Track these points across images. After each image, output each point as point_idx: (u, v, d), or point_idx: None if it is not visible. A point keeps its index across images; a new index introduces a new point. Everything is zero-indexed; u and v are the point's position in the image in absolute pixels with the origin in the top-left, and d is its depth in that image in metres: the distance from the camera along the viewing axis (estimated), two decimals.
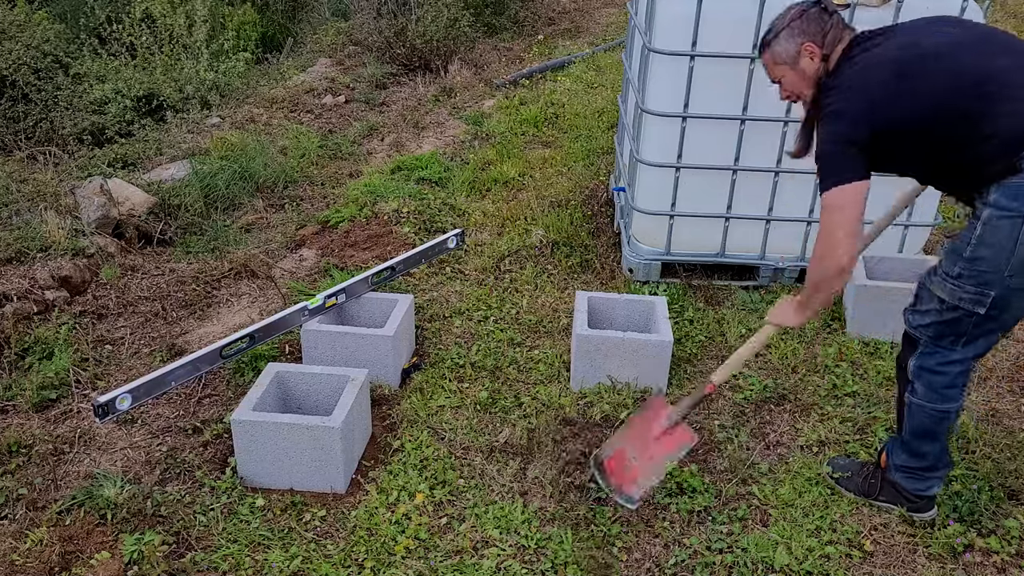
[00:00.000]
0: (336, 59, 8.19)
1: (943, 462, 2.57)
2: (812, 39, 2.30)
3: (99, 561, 2.47)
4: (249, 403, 2.82)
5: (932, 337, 2.39)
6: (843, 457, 2.90)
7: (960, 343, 2.35)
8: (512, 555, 2.54)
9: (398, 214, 4.74)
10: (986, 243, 2.16)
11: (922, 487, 2.60)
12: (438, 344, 3.63)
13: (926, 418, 2.47)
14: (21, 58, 6.45)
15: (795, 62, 2.34)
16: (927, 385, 2.44)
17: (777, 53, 2.37)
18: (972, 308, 2.24)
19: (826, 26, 2.30)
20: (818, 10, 2.32)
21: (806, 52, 2.31)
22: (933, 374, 2.42)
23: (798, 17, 2.33)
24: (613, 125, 6.16)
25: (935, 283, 2.32)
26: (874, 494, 2.70)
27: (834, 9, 2.34)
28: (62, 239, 4.02)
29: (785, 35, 2.34)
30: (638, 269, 4.05)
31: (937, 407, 2.44)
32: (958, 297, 2.25)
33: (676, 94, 3.65)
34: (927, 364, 2.42)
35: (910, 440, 2.55)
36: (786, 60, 2.36)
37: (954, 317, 2.30)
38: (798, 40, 2.31)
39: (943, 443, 2.53)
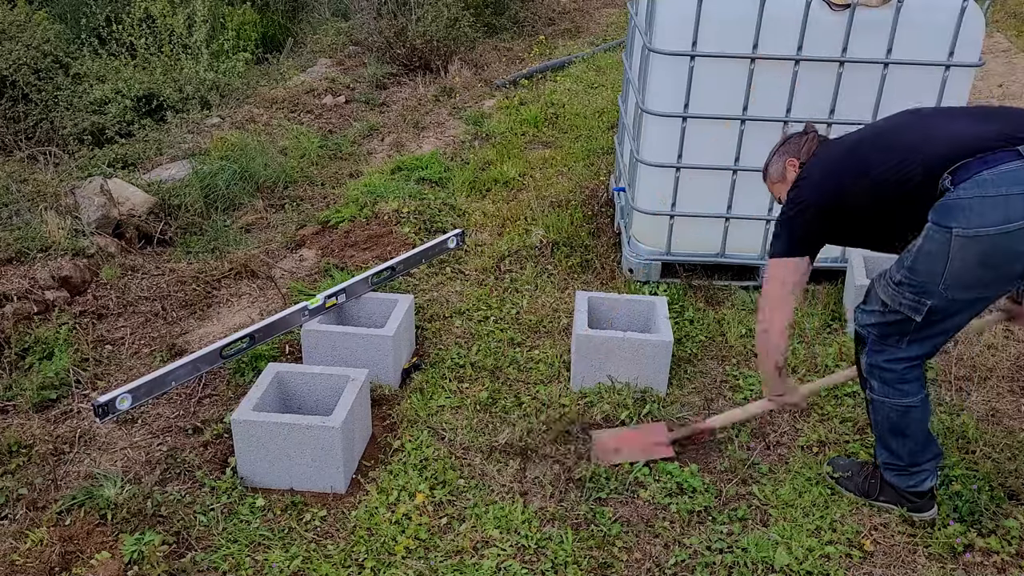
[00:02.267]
0: (336, 59, 8.19)
1: (925, 457, 2.57)
2: (793, 156, 2.65)
3: (99, 561, 2.46)
4: (249, 403, 2.82)
5: (877, 336, 2.48)
6: (843, 457, 2.90)
7: (904, 342, 2.43)
8: (512, 555, 2.54)
9: (398, 214, 4.74)
10: (924, 254, 2.27)
11: (912, 483, 2.61)
12: (438, 344, 3.63)
13: (889, 413, 2.51)
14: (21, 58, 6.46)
15: (784, 178, 2.68)
16: (881, 381, 2.50)
17: (772, 175, 2.74)
18: (910, 315, 2.35)
19: (802, 144, 2.65)
20: (799, 135, 2.71)
21: (790, 166, 2.66)
22: (883, 370, 2.49)
23: (782, 143, 2.73)
24: (613, 125, 6.16)
25: (880, 286, 2.44)
26: (874, 494, 2.70)
27: (813, 130, 2.69)
28: (62, 239, 4.02)
29: (775, 159, 2.72)
30: (638, 269, 4.05)
31: (896, 402, 2.48)
32: (898, 302, 2.36)
33: (676, 94, 3.65)
34: (875, 361, 2.50)
35: (881, 437, 2.59)
36: (778, 178, 2.71)
37: (896, 320, 2.41)
38: (783, 159, 2.68)
39: (917, 438, 2.54)
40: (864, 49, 3.52)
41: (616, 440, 2.98)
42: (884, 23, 3.48)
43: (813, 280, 4.02)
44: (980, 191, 2.15)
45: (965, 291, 2.27)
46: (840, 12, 3.47)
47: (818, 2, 3.46)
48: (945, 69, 3.54)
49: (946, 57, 3.53)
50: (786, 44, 3.52)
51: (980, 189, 2.15)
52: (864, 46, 3.51)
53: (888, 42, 3.50)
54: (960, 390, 3.31)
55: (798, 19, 3.47)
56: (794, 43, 3.52)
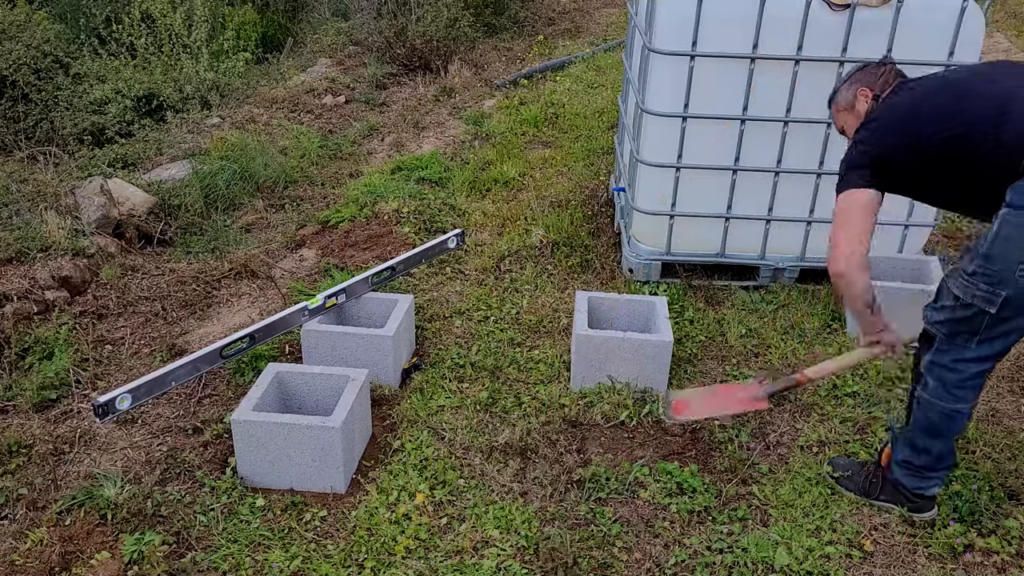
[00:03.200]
0: (336, 59, 8.19)
1: (945, 463, 2.57)
2: (867, 85, 2.56)
3: (99, 561, 2.47)
4: (249, 403, 2.82)
5: (947, 334, 2.39)
6: (843, 457, 2.90)
7: (974, 341, 2.35)
8: (512, 555, 2.54)
9: (398, 214, 4.74)
10: (1000, 240, 2.19)
11: (922, 486, 2.60)
12: (438, 344, 3.63)
13: (934, 415, 2.46)
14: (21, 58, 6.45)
15: (852, 106, 2.59)
16: (938, 380, 2.44)
17: (839, 102, 2.64)
18: (984, 307, 2.26)
19: (879, 74, 2.56)
20: (875, 65, 2.61)
21: (861, 96, 2.56)
22: (945, 370, 2.41)
23: (857, 70, 2.63)
24: (613, 125, 6.16)
25: (953, 279, 2.35)
26: (875, 494, 2.70)
27: (890, 61, 2.60)
28: (62, 239, 4.02)
29: (846, 86, 2.62)
30: (638, 269, 4.05)
31: (946, 405, 2.43)
32: (971, 295, 2.27)
33: (676, 94, 3.65)
34: (940, 360, 2.42)
35: (915, 435, 2.55)
36: (846, 106, 2.61)
37: (967, 315, 2.31)
38: (855, 87, 2.58)
39: (948, 444, 2.52)
40: (864, 49, 3.51)
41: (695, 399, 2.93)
42: (884, 23, 3.48)
43: (813, 280, 4.03)
44: None
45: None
46: (840, 12, 3.47)
47: (818, 2, 3.46)
48: (945, 69, 3.54)
49: (946, 57, 3.53)
50: (786, 44, 3.52)
51: None
52: (864, 46, 3.51)
53: (888, 42, 3.50)
54: None
55: (798, 19, 3.47)
56: (794, 43, 3.51)
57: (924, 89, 2.43)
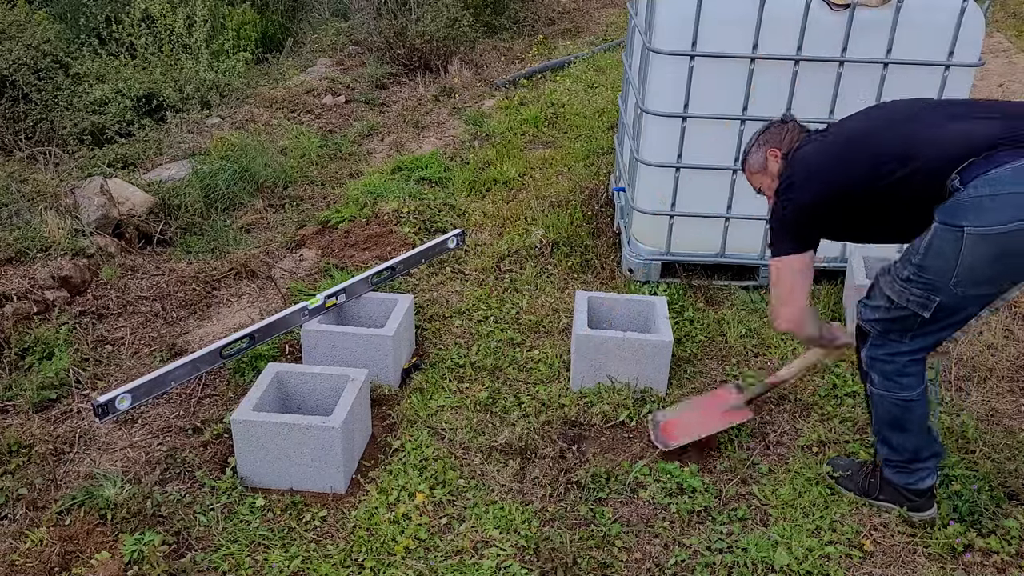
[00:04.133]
0: (336, 59, 8.19)
1: (925, 454, 2.57)
2: (774, 145, 2.65)
3: (99, 561, 2.46)
4: (249, 403, 2.82)
5: (880, 331, 2.47)
6: (843, 457, 2.90)
7: (907, 337, 2.43)
8: (512, 555, 2.54)
9: (398, 214, 4.74)
10: (933, 252, 2.27)
11: (911, 480, 2.60)
12: (438, 344, 3.63)
13: (891, 407, 2.51)
14: (21, 58, 6.45)
15: (765, 168, 2.67)
16: (881, 374, 2.50)
17: (752, 165, 2.72)
18: (918, 311, 2.34)
19: (783, 133, 2.65)
20: (777, 124, 2.70)
21: (771, 156, 2.64)
22: (884, 363, 2.48)
23: (761, 132, 2.72)
24: (613, 125, 6.16)
25: (886, 282, 2.42)
26: (874, 493, 2.70)
27: (791, 119, 2.69)
28: (62, 239, 4.02)
29: (754, 149, 2.71)
30: (638, 269, 4.05)
31: (896, 396, 2.48)
32: (906, 299, 2.35)
33: (676, 94, 3.65)
34: (876, 354, 2.50)
35: (881, 432, 2.59)
36: (758, 168, 2.70)
37: (901, 315, 2.40)
38: (764, 149, 2.67)
39: (917, 433, 2.54)
40: (864, 49, 3.52)
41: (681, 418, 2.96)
42: (884, 23, 3.48)
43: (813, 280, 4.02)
44: (991, 189, 2.15)
45: (975, 287, 2.27)
46: (840, 12, 3.47)
47: (818, 2, 3.46)
48: (945, 69, 3.54)
49: (946, 57, 3.53)
50: (786, 44, 3.52)
51: (991, 188, 2.15)
52: (864, 46, 3.51)
53: (888, 42, 3.50)
54: (960, 390, 3.31)
55: (798, 19, 3.47)
56: (794, 43, 3.52)
57: (832, 138, 2.53)
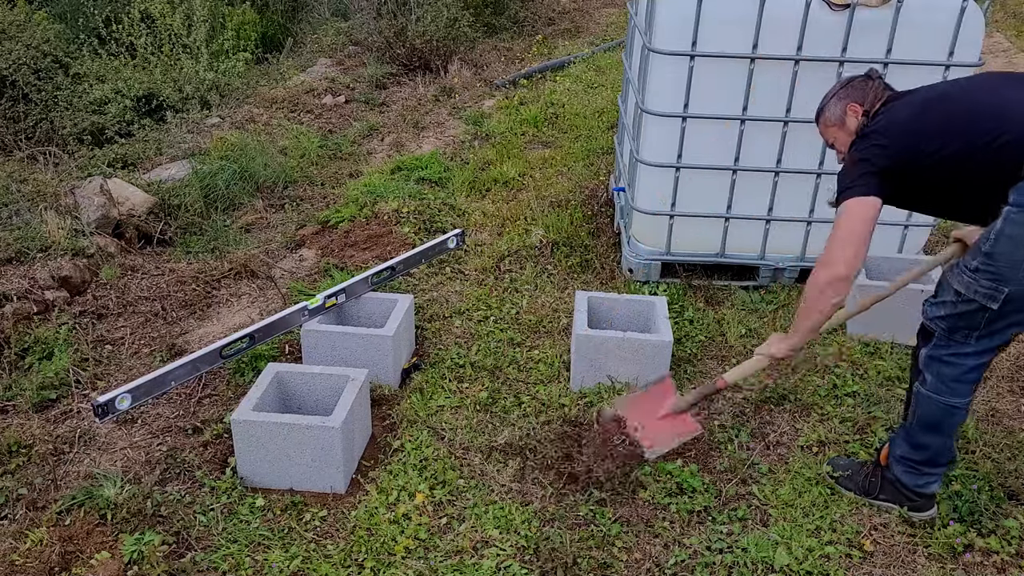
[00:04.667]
0: (336, 59, 8.19)
1: (943, 459, 2.57)
2: (856, 100, 2.53)
3: (99, 561, 2.46)
4: (249, 403, 2.82)
5: (946, 329, 2.41)
6: (843, 457, 2.90)
7: (973, 337, 2.37)
8: (512, 555, 2.54)
9: (398, 214, 4.74)
10: (1005, 238, 2.21)
11: (920, 483, 2.60)
12: (438, 344, 3.63)
13: (933, 409, 2.48)
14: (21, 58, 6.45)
15: (842, 122, 2.56)
16: (936, 376, 2.45)
17: (827, 117, 2.60)
18: (985, 303, 2.28)
19: (867, 89, 2.54)
20: (862, 79, 2.58)
21: (851, 111, 2.54)
22: (943, 364, 2.43)
23: (844, 85, 2.60)
24: (613, 125, 6.16)
25: (954, 275, 2.36)
26: (874, 493, 2.70)
27: (877, 76, 2.57)
28: (62, 239, 4.02)
29: (833, 101, 2.59)
30: (638, 269, 4.05)
31: (944, 400, 2.45)
32: (973, 290, 2.29)
33: (676, 94, 3.65)
34: (938, 354, 2.44)
35: (913, 430, 2.56)
36: (835, 122, 2.58)
37: (968, 310, 2.33)
38: (844, 103, 2.55)
39: (947, 440, 2.53)
40: (864, 49, 3.52)
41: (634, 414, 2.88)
42: (884, 23, 3.48)
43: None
44: None
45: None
46: (840, 12, 3.47)
47: (818, 2, 3.46)
48: (945, 69, 3.54)
49: (946, 57, 3.53)
50: (786, 44, 3.52)
51: None
52: (864, 46, 3.51)
53: (888, 42, 3.50)
54: None
55: (798, 19, 3.47)
56: (794, 43, 3.51)
57: (921, 101, 2.43)
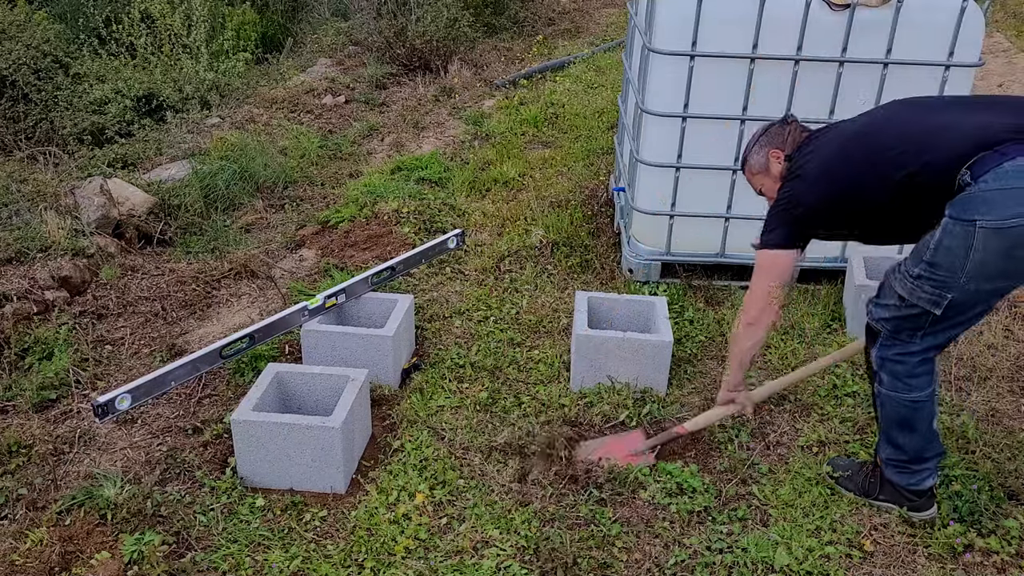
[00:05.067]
0: (336, 59, 8.19)
1: (928, 455, 2.56)
2: (777, 146, 2.64)
3: (99, 561, 2.46)
4: (249, 403, 2.82)
5: (891, 331, 2.45)
6: (843, 457, 2.90)
7: (918, 336, 2.41)
8: (512, 555, 2.54)
9: (398, 214, 4.74)
10: (944, 248, 2.25)
11: (913, 481, 2.60)
12: (438, 344, 3.63)
13: (899, 407, 2.50)
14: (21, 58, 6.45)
15: (767, 169, 2.67)
16: (891, 375, 2.48)
17: (752, 166, 2.72)
18: (929, 308, 2.32)
19: (785, 134, 2.63)
20: (778, 125, 2.67)
21: (773, 157, 2.64)
22: (894, 363, 2.47)
23: (762, 133, 2.70)
24: (613, 125, 6.16)
25: (897, 280, 2.40)
26: (874, 493, 2.70)
27: (793, 119, 2.67)
28: (62, 239, 4.02)
29: (755, 150, 2.70)
30: (638, 269, 4.05)
31: (905, 396, 2.47)
32: (916, 296, 2.33)
33: (676, 94, 3.65)
34: (886, 355, 2.48)
35: (887, 431, 2.58)
36: (759, 169, 2.70)
37: (912, 314, 2.38)
38: (765, 150, 2.66)
39: (923, 433, 2.53)
40: (864, 49, 3.52)
41: (599, 451, 2.95)
42: (884, 23, 3.48)
43: (813, 280, 4.03)
44: (1002, 183, 2.15)
45: (987, 282, 2.26)
46: (840, 12, 3.47)
47: (818, 2, 3.46)
48: (945, 69, 3.55)
49: (946, 57, 3.53)
50: (786, 44, 3.53)
51: (1002, 181, 2.15)
52: (864, 46, 3.52)
53: (888, 42, 3.50)
54: (960, 390, 3.31)
55: (798, 19, 3.47)
56: (794, 43, 3.52)
57: (838, 136, 2.51)
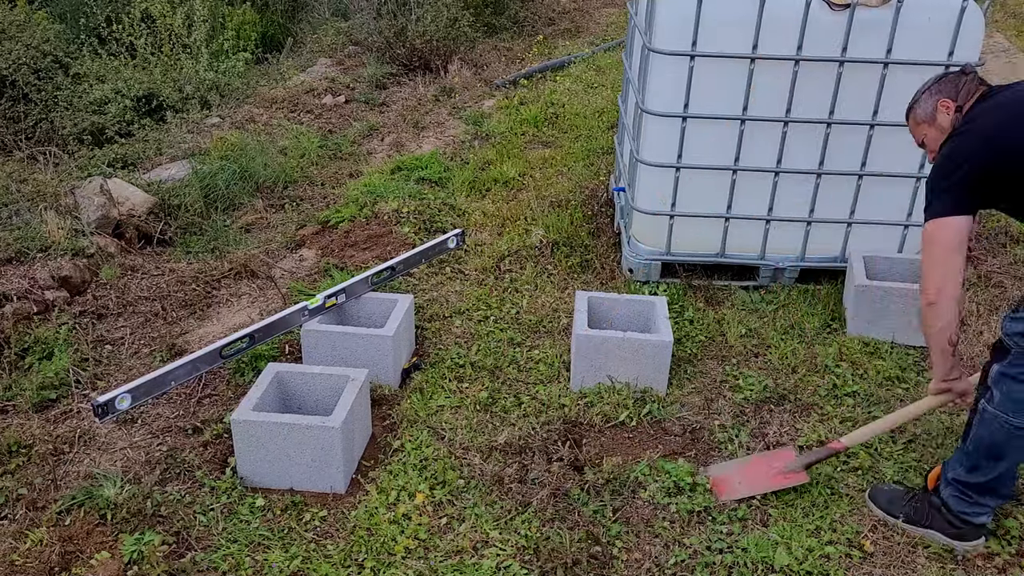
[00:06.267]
0: (336, 59, 8.18)
1: (1000, 492, 2.45)
2: (948, 95, 2.42)
3: (99, 561, 2.47)
4: (249, 403, 2.82)
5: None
6: (884, 484, 2.77)
7: None
8: (512, 555, 2.54)
9: (398, 214, 4.74)
10: None
11: (968, 511, 2.48)
12: (438, 344, 3.63)
13: (996, 429, 2.35)
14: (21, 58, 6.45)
15: (933, 119, 2.46)
16: (1006, 394, 2.32)
17: (918, 114, 2.50)
18: None
19: (960, 84, 2.42)
20: (955, 74, 2.47)
21: (942, 108, 2.43)
22: (1015, 383, 2.30)
23: (937, 80, 2.49)
24: (613, 125, 6.16)
25: None
26: (922, 520, 2.58)
27: (971, 70, 2.45)
28: (62, 239, 4.02)
29: (924, 97, 2.49)
30: (638, 269, 4.05)
31: (1011, 420, 2.32)
32: None
33: (676, 94, 3.65)
34: (1011, 372, 2.31)
35: (972, 451, 2.43)
36: (926, 119, 2.48)
37: None
38: (935, 99, 2.45)
39: (1009, 467, 2.40)
40: (864, 49, 3.52)
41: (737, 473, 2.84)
42: (884, 23, 3.48)
43: (813, 280, 4.03)
44: None
45: None
46: (840, 12, 3.47)
47: (818, 2, 3.46)
48: (945, 69, 3.54)
49: (946, 57, 3.53)
50: (786, 44, 3.52)
51: None
52: (864, 46, 3.51)
53: (888, 42, 3.50)
54: None
55: (798, 19, 3.47)
56: (794, 43, 3.51)
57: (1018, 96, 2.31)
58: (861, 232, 3.91)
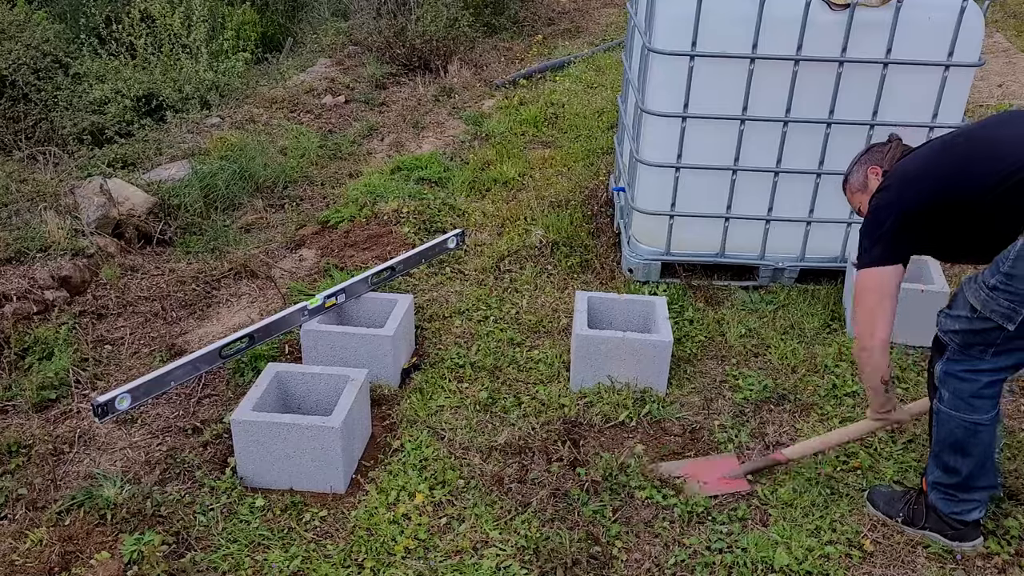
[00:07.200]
0: (336, 59, 8.18)
1: (979, 484, 2.46)
2: (875, 163, 2.59)
3: (99, 561, 2.47)
4: (249, 403, 2.82)
5: (960, 344, 2.35)
6: (883, 486, 2.78)
7: (988, 353, 2.30)
8: (512, 555, 2.54)
9: (398, 214, 4.74)
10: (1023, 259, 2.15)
11: (956, 510, 2.50)
12: (438, 344, 3.63)
13: (955, 428, 2.39)
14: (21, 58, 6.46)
15: (865, 186, 2.61)
16: (953, 392, 2.38)
17: (852, 184, 2.67)
18: (1002, 322, 2.22)
19: (886, 151, 2.60)
20: (882, 144, 2.66)
21: (872, 175, 2.59)
22: (959, 380, 2.36)
23: (865, 152, 2.68)
24: (613, 125, 6.16)
25: (971, 290, 2.29)
26: (919, 522, 2.59)
27: (896, 137, 2.63)
28: (62, 239, 4.02)
29: (856, 168, 2.66)
30: (638, 269, 4.05)
31: (965, 417, 2.37)
32: (990, 309, 2.23)
33: (676, 94, 3.65)
34: (953, 370, 2.37)
35: (940, 453, 2.46)
36: (859, 187, 2.64)
37: (984, 328, 2.27)
38: (865, 168, 2.63)
39: (979, 460, 2.42)
40: (864, 49, 3.52)
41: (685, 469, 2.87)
42: (884, 23, 3.48)
43: (813, 280, 4.03)
44: None
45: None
46: (840, 12, 3.47)
47: (818, 2, 3.46)
48: (945, 69, 3.54)
49: (946, 57, 3.53)
50: (786, 44, 3.52)
51: None
52: (864, 46, 3.51)
53: (888, 42, 3.50)
54: None
55: (798, 19, 3.47)
56: (794, 43, 3.51)
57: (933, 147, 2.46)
58: None
